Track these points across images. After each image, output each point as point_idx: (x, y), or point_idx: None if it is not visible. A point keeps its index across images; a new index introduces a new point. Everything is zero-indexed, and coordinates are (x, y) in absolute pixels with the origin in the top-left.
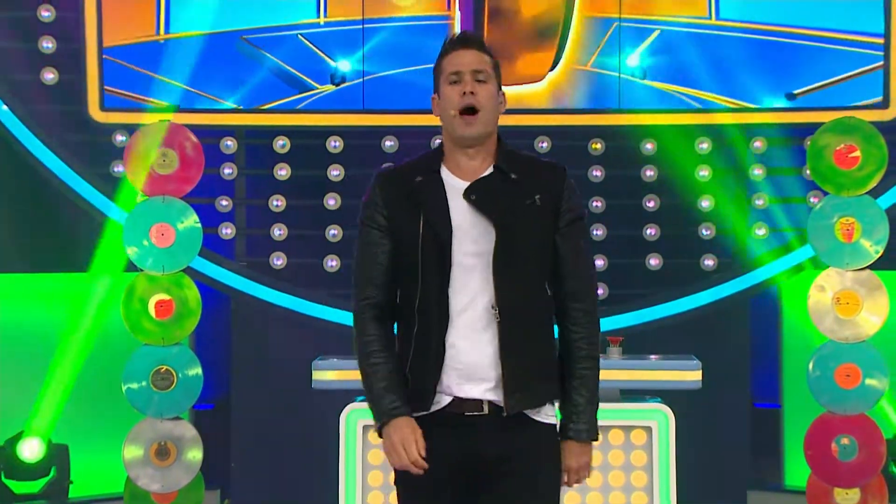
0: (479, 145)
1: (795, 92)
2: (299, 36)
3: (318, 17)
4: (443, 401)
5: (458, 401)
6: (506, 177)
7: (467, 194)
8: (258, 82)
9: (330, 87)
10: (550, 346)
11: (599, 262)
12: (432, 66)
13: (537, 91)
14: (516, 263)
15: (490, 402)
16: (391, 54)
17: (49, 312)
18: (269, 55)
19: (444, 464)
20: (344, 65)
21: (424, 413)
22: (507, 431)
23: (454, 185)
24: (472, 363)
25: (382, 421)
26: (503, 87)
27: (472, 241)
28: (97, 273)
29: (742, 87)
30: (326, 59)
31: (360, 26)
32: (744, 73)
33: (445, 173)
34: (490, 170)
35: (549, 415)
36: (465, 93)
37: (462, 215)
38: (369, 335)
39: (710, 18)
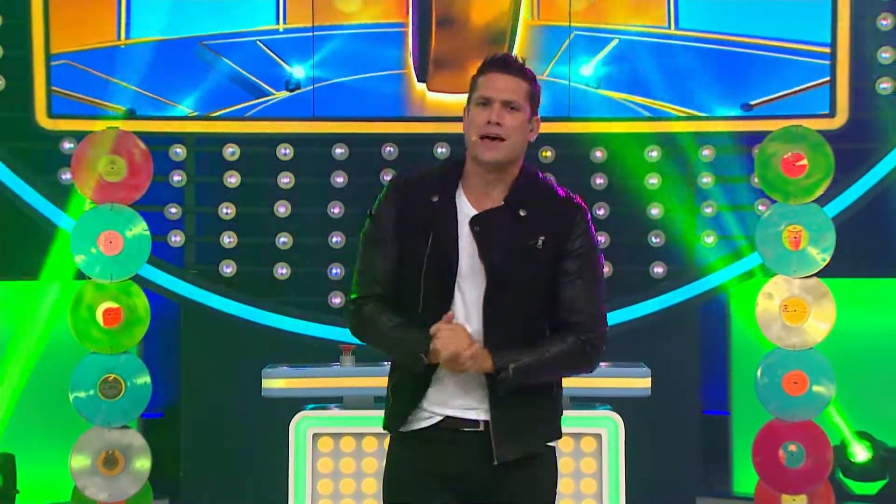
0: (499, 171)
1: (752, 103)
2: (258, 42)
3: (278, 23)
4: (434, 418)
5: (451, 419)
6: (514, 213)
7: (472, 224)
8: (214, 87)
9: (284, 93)
10: (547, 389)
11: None
12: (385, 73)
13: None
14: (508, 308)
15: (485, 421)
16: (343, 61)
17: None
18: (227, 60)
19: (435, 481)
20: (298, 71)
21: (415, 430)
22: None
23: (467, 214)
24: (461, 404)
25: (424, 344)
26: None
27: (473, 279)
28: (47, 281)
29: (697, 97)
30: (283, 65)
31: (311, 33)
32: (699, 82)
33: (461, 198)
34: (501, 202)
35: None
36: (489, 121)
37: (470, 246)
38: (390, 318)
39: (669, 28)
